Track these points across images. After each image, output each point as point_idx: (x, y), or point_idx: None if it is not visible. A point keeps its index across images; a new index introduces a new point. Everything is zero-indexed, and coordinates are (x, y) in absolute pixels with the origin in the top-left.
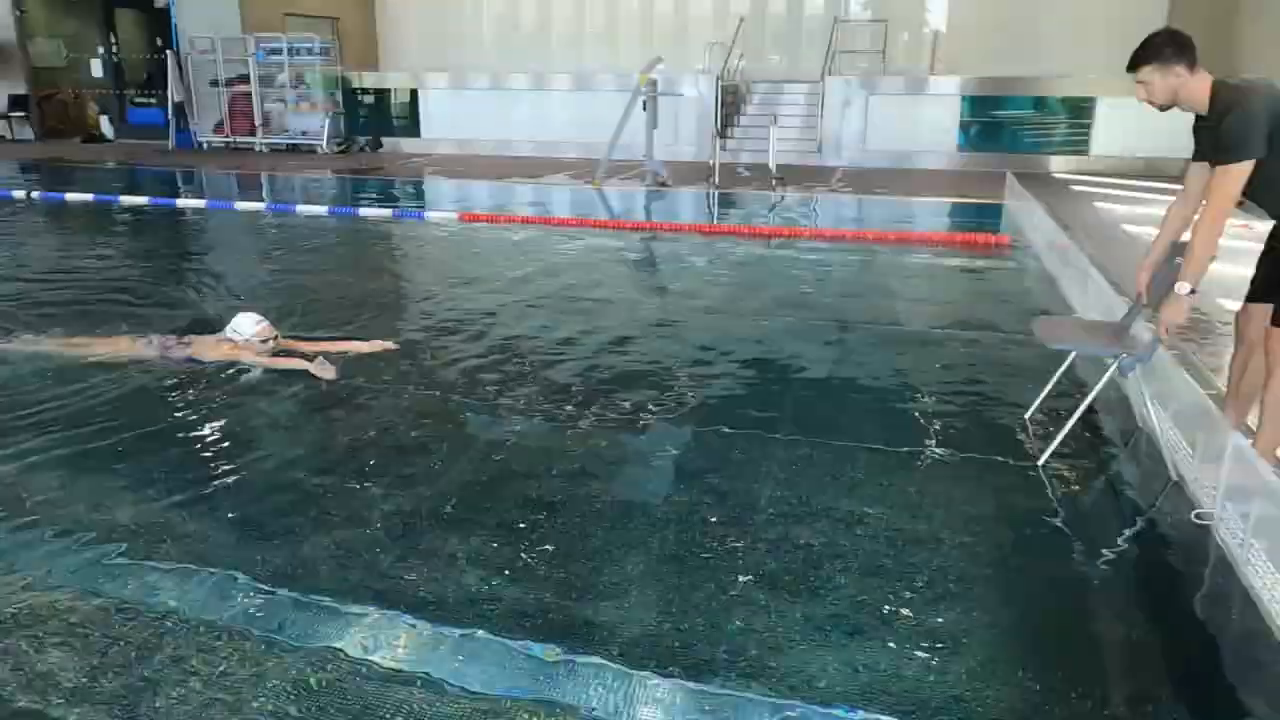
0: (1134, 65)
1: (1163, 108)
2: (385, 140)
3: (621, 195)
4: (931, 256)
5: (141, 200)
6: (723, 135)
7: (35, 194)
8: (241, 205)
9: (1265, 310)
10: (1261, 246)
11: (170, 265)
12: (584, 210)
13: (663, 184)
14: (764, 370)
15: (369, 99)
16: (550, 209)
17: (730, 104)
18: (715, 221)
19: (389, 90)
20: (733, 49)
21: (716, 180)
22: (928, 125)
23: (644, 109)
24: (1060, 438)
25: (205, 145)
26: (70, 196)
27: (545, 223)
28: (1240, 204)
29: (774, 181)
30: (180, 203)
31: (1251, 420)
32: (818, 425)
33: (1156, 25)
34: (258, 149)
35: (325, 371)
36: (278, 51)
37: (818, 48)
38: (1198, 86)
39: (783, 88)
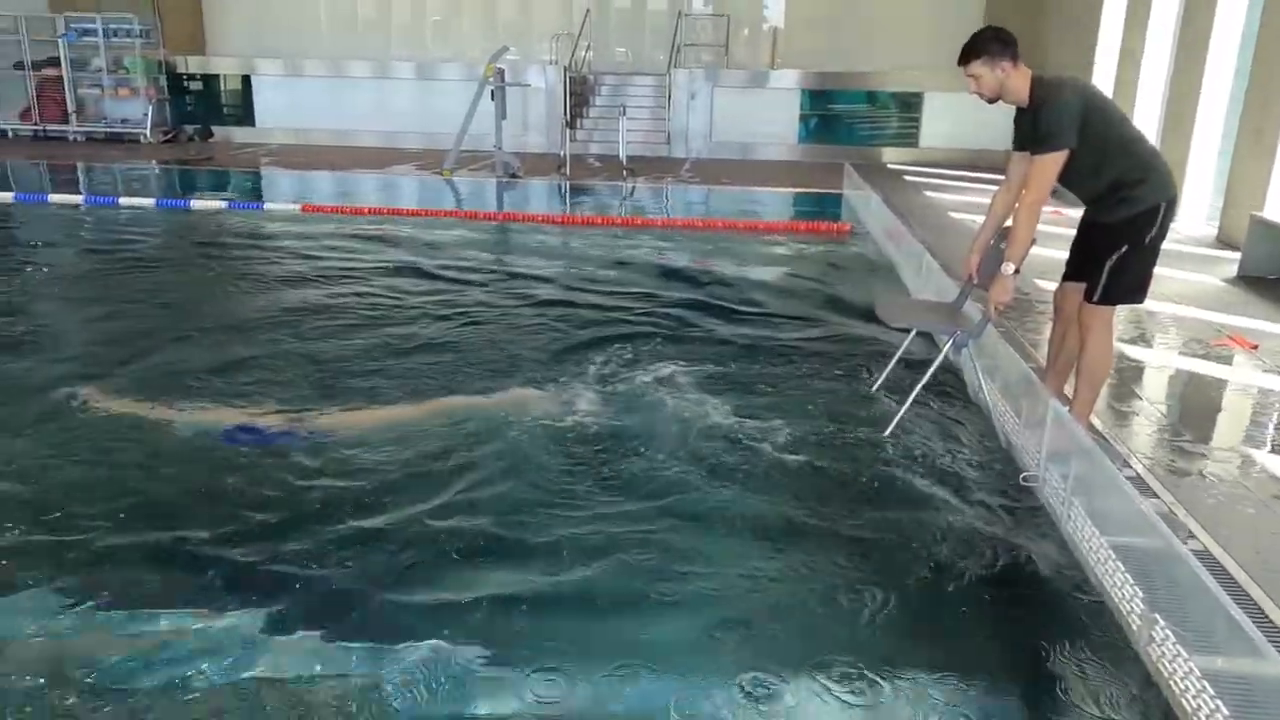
0: (964, 59)
1: (990, 100)
2: (216, 129)
3: (475, 186)
4: (778, 244)
5: None
6: (571, 127)
7: None
8: (57, 199)
9: (1080, 288)
10: (1073, 230)
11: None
12: (437, 201)
13: (514, 175)
14: (620, 354)
15: (197, 85)
16: (402, 200)
17: (578, 96)
18: (569, 212)
19: (218, 76)
20: (580, 40)
21: (568, 171)
22: (770, 118)
23: (492, 99)
24: (903, 411)
25: (10, 134)
26: None
27: (400, 214)
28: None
29: (625, 173)
30: None
31: (1069, 390)
32: (673, 412)
33: (973, 24)
34: (72, 138)
35: None
36: (91, 33)
37: (661, 41)
38: (1020, 80)
39: (629, 80)
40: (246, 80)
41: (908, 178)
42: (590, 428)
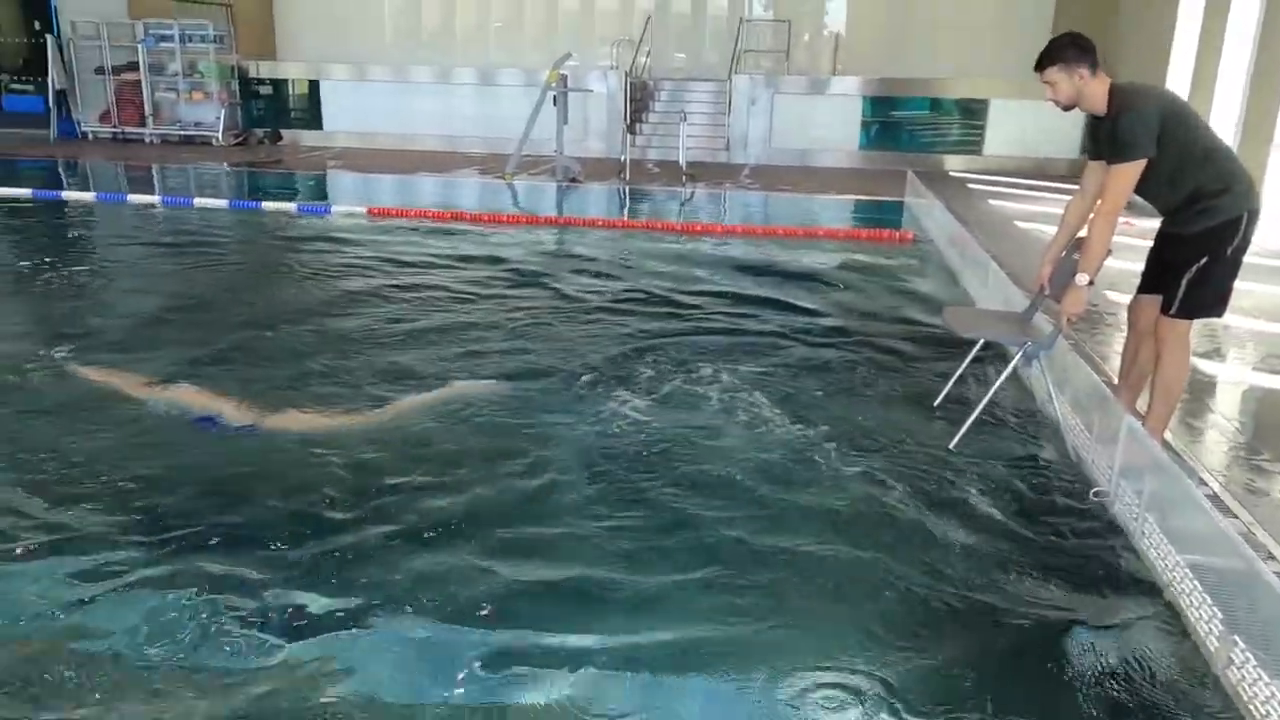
0: (1040, 66)
1: (1066, 107)
2: (285, 132)
3: (536, 190)
4: (839, 251)
5: (23, 192)
6: (631, 132)
7: None
8: (135, 199)
9: (1155, 300)
10: (1145, 241)
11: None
12: (500, 204)
13: (574, 179)
14: (681, 362)
15: (267, 90)
16: (465, 203)
17: (638, 101)
18: (630, 216)
19: (287, 81)
20: (641, 46)
21: (628, 176)
22: (830, 124)
23: (554, 104)
24: (970, 422)
25: (90, 135)
26: None
27: (462, 218)
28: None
29: (684, 178)
30: (67, 195)
31: (1141, 404)
32: (734, 420)
33: (1041, 32)
34: (148, 140)
35: None
36: (168, 38)
37: (720, 47)
38: (1098, 88)
39: (688, 85)
40: (314, 85)
41: (971, 186)
42: (646, 431)
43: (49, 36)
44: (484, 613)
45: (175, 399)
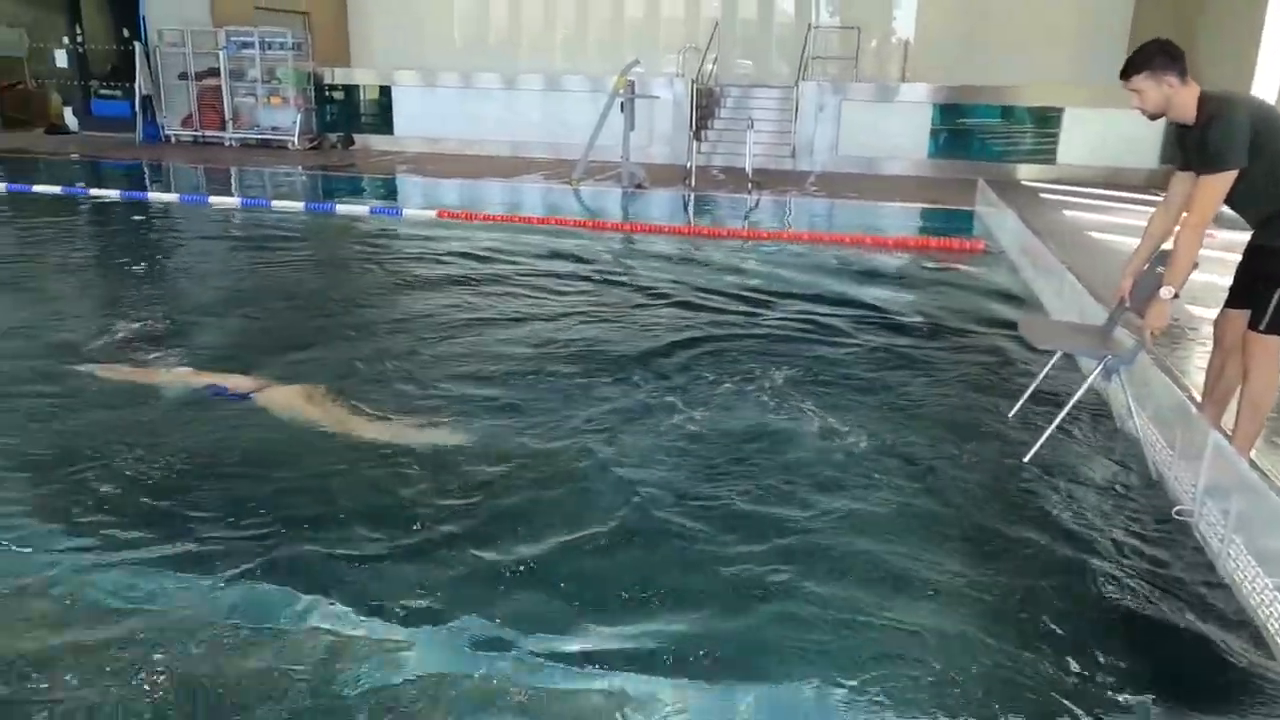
0: (1126, 74)
1: (1153, 116)
2: (357, 137)
3: (602, 196)
4: (908, 259)
5: (111, 193)
6: (697, 138)
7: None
8: (216, 201)
9: (1243, 315)
10: (1229, 254)
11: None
12: (566, 209)
13: (640, 186)
14: (748, 368)
15: (339, 95)
16: (532, 208)
17: (704, 108)
18: (694, 223)
19: (359, 87)
20: (707, 53)
21: (693, 182)
22: (899, 132)
23: (621, 111)
24: (1046, 435)
25: (173, 139)
26: (37, 188)
27: (530, 222)
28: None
29: (750, 185)
30: (151, 196)
31: (1225, 422)
32: (804, 428)
33: (1120, 38)
34: (227, 143)
35: None
36: (249, 45)
37: (787, 54)
38: (1187, 97)
39: (754, 92)
40: (386, 91)
41: (1044, 195)
42: (710, 441)
43: (136, 44)
44: (538, 640)
45: (192, 382)
